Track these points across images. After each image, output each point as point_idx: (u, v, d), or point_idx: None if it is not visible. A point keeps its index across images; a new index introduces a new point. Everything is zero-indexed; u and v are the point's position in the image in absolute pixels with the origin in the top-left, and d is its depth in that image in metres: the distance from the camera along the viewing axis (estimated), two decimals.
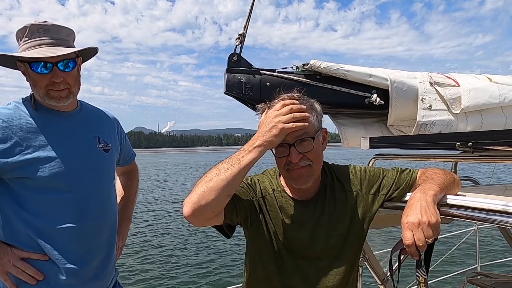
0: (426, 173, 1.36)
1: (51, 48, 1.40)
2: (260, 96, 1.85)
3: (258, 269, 1.41)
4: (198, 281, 7.61)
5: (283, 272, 1.37)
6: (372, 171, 1.44)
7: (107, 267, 1.60)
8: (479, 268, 4.36)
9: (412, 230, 1.06)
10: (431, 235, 1.05)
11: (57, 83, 1.42)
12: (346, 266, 1.37)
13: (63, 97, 1.45)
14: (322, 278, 1.35)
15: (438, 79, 2.19)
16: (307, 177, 1.29)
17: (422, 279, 1.10)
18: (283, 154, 1.27)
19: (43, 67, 1.39)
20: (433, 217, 1.07)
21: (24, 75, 1.45)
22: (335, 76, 2.00)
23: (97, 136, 1.60)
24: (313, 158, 1.28)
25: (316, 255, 1.36)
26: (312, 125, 1.27)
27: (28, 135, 1.40)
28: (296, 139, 1.24)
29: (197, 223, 1.24)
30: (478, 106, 2.14)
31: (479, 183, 2.16)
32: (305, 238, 1.35)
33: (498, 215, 1.04)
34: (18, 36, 1.44)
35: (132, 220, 1.96)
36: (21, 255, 1.42)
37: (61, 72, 1.42)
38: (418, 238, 1.04)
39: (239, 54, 1.92)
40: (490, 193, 1.32)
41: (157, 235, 11.83)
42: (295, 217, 1.37)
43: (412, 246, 1.05)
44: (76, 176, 1.47)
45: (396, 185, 1.38)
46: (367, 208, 1.38)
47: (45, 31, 1.41)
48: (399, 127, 2.18)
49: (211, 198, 1.16)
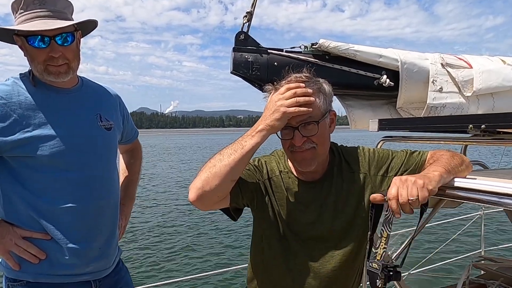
0: (434, 155, 1.34)
1: (48, 20, 1.34)
2: (268, 76, 1.82)
3: (264, 250, 1.42)
4: (201, 261, 7.73)
5: (288, 253, 1.37)
6: (381, 152, 1.42)
7: (110, 247, 1.59)
8: (483, 253, 4.37)
9: (397, 185, 1.08)
10: (415, 194, 1.04)
11: (55, 58, 1.37)
12: (351, 248, 1.36)
13: (62, 72, 1.41)
14: (327, 260, 1.35)
15: (450, 61, 2.14)
16: (311, 160, 1.28)
17: (385, 234, 1.12)
18: (288, 137, 1.26)
19: (40, 41, 1.34)
20: (421, 180, 1.08)
21: (22, 50, 1.40)
22: (344, 56, 1.96)
23: (98, 114, 1.56)
24: (318, 141, 1.26)
25: (322, 237, 1.35)
26: (318, 108, 1.25)
27: (27, 112, 1.37)
28: (300, 123, 1.23)
29: (203, 208, 1.24)
30: (491, 89, 2.09)
31: (488, 167, 2.13)
32: (311, 219, 1.35)
33: (507, 198, 1.02)
34: (13, 8, 1.38)
35: (135, 199, 1.95)
36: (23, 234, 1.41)
37: (59, 47, 1.37)
38: (401, 193, 1.05)
39: (247, 32, 1.88)
40: (499, 177, 1.30)
41: (159, 214, 11.97)
42: (301, 198, 1.36)
43: (393, 199, 1.06)
44: (77, 155, 1.45)
45: (405, 166, 1.36)
46: (375, 189, 1.36)
47: (41, 3, 1.35)
48: (408, 109, 2.15)
49: (215, 184, 1.16)
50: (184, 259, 7.89)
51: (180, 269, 7.33)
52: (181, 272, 7.08)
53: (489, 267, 2.65)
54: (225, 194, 1.25)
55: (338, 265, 1.35)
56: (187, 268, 7.36)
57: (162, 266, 7.48)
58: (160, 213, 12.10)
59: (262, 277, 1.45)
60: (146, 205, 13.09)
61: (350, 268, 1.39)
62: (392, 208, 1.07)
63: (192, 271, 7.09)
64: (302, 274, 1.36)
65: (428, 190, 1.07)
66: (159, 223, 10.89)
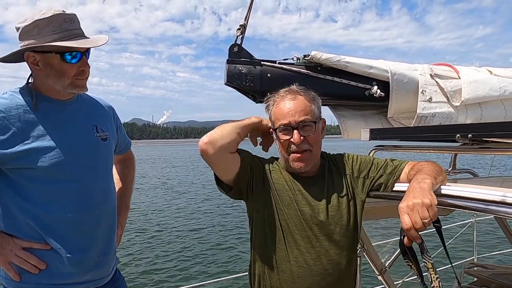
0: (415, 166, 1.41)
1: (85, 39, 1.44)
2: (261, 87, 1.85)
3: (260, 244, 1.49)
4: (197, 270, 7.67)
5: (283, 246, 1.43)
6: (363, 158, 1.56)
7: (108, 255, 1.62)
8: (476, 260, 4.41)
9: (407, 214, 1.08)
10: (427, 216, 1.06)
11: (84, 71, 1.47)
12: (344, 245, 1.44)
13: (85, 85, 1.51)
14: (318, 260, 1.41)
15: (439, 71, 2.19)
16: (307, 160, 1.43)
17: (429, 264, 1.11)
18: (287, 137, 1.41)
19: (75, 57, 1.42)
20: (427, 198, 1.09)
21: (36, 66, 1.42)
22: (336, 67, 2.00)
23: (94, 125, 1.60)
24: (313, 143, 1.43)
25: (317, 230, 1.42)
26: (313, 113, 1.43)
27: (26, 125, 1.39)
28: (299, 123, 1.40)
29: (212, 152, 1.38)
30: (478, 98, 2.14)
31: (477, 175, 2.18)
32: (306, 211, 1.43)
33: (496, 206, 1.05)
34: (37, 25, 1.37)
35: (130, 208, 1.97)
36: (23, 244, 1.43)
37: (87, 61, 1.48)
38: (415, 220, 1.06)
39: (240, 45, 1.91)
40: (488, 184, 1.33)
41: (154, 222, 11.92)
42: (299, 189, 1.46)
43: (411, 229, 1.06)
44: (75, 166, 1.47)
45: (382, 171, 1.47)
46: (359, 191, 1.49)
47: (71, 21, 1.42)
48: (399, 119, 2.19)
49: (225, 132, 1.41)
50: (179, 268, 7.85)
51: (175, 279, 7.28)
52: (177, 282, 7.03)
53: (481, 274, 2.68)
54: (232, 147, 1.43)
55: (333, 259, 1.41)
56: (183, 277, 7.32)
57: (157, 276, 7.43)
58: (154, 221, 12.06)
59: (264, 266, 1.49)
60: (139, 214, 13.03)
61: (341, 270, 1.44)
62: (413, 238, 1.07)
63: (188, 280, 7.04)
64: (299, 264, 1.42)
65: (435, 205, 1.10)
66: (152, 232, 10.85)
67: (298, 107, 1.40)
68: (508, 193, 1.04)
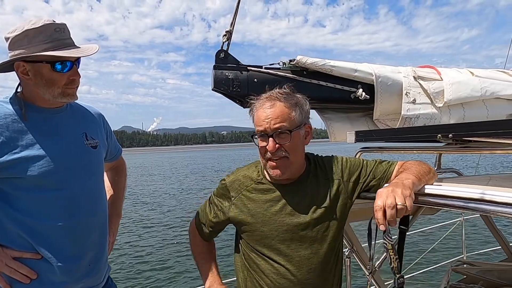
0: (403, 165, 1.43)
1: (76, 48, 1.44)
2: (248, 92, 1.87)
3: (242, 255, 1.53)
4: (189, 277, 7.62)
5: (264, 258, 1.45)
6: (352, 161, 1.53)
7: (100, 263, 1.60)
8: (465, 258, 4.46)
9: (382, 197, 1.12)
10: (403, 201, 1.09)
11: (75, 81, 1.46)
12: (326, 251, 1.43)
13: (75, 93, 1.50)
14: (299, 269, 1.41)
15: (422, 73, 2.24)
16: (284, 168, 1.40)
17: (389, 246, 1.14)
18: (263, 143, 1.38)
19: (66, 66, 1.42)
20: (407, 190, 1.13)
21: (25, 76, 1.41)
22: (321, 71, 2.03)
23: (84, 133, 1.59)
24: (290, 150, 1.38)
25: (297, 239, 1.42)
26: (292, 120, 1.37)
27: (15, 134, 1.38)
28: (274, 130, 1.36)
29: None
30: (460, 99, 2.20)
31: (462, 174, 2.22)
32: (286, 221, 1.42)
33: (475, 203, 1.08)
34: (26, 35, 1.37)
35: (121, 216, 1.96)
36: (13, 254, 1.41)
37: (77, 70, 1.47)
38: (388, 203, 1.09)
39: (226, 51, 1.93)
40: (473, 183, 1.36)
41: (145, 230, 11.83)
42: (277, 200, 1.45)
43: (379, 210, 1.10)
44: (65, 174, 1.46)
45: (373, 174, 1.46)
46: (348, 195, 1.47)
47: (61, 31, 1.42)
48: (384, 121, 2.23)
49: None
50: (172, 274, 7.78)
51: (168, 286, 7.22)
52: None
53: (469, 271, 2.73)
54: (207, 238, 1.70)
55: (314, 267, 1.42)
56: (176, 284, 7.26)
57: (149, 282, 7.36)
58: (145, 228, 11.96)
59: (246, 277, 1.53)
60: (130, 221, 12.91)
61: (326, 272, 1.45)
62: (377, 218, 1.10)
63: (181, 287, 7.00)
64: (280, 275, 1.42)
65: (413, 199, 1.13)
66: (144, 238, 10.79)
67: (274, 114, 1.36)
68: (487, 191, 1.06)
